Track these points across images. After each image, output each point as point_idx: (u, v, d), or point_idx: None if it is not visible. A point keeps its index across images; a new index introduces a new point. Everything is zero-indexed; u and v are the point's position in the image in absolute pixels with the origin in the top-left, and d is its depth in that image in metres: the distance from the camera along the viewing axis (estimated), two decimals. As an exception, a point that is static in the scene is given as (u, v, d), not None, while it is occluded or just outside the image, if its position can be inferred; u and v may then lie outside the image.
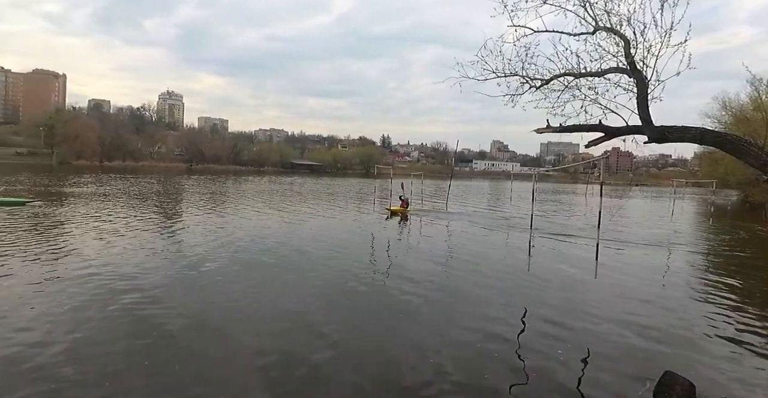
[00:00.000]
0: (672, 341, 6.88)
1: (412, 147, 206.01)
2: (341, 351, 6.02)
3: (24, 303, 7.32)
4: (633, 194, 66.44)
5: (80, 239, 12.84)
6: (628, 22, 5.64)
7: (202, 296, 8.11)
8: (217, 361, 5.59)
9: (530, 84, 6.32)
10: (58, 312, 6.95)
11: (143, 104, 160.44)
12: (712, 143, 5.69)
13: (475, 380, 5.36)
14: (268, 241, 13.79)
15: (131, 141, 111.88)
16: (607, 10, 5.74)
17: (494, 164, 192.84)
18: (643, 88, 5.51)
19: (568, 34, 6.06)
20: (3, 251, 10.83)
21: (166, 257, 10.99)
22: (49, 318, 6.69)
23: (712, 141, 5.56)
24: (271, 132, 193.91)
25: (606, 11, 5.75)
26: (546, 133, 6.36)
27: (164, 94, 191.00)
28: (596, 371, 5.71)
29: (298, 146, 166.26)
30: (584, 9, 5.85)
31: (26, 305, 7.22)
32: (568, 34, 6.06)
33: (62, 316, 6.81)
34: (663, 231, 20.51)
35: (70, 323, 6.54)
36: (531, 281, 10.31)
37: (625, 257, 13.54)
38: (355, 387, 5.14)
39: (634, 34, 5.59)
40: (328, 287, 9.10)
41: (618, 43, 5.75)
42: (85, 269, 9.44)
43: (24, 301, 7.39)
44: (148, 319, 6.83)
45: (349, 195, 38.02)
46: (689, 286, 10.48)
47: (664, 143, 5.61)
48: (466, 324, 7.27)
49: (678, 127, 5.42)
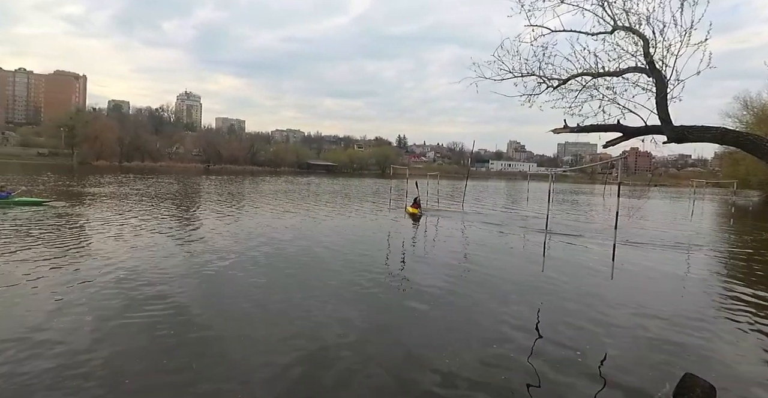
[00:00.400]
0: (692, 343, 6.78)
1: (428, 147, 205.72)
2: (359, 351, 6.05)
3: (43, 301, 7.48)
4: (652, 195, 65.51)
5: (100, 239, 13.07)
6: (647, 21, 5.60)
7: (220, 296, 8.22)
8: (235, 360, 5.66)
9: (547, 84, 6.29)
10: (78, 312, 7.09)
11: (162, 105, 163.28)
12: (732, 143, 5.61)
13: (493, 380, 5.34)
14: (286, 241, 13.89)
15: (150, 142, 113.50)
16: (625, 9, 5.71)
17: (511, 164, 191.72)
18: (662, 87, 5.46)
19: (586, 34, 6.03)
20: (22, 250, 11.09)
21: (184, 257, 11.14)
22: (68, 318, 6.83)
23: (732, 141, 5.49)
24: (288, 133, 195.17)
25: (625, 10, 5.71)
26: (563, 133, 6.33)
27: (182, 95, 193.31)
28: (615, 373, 5.66)
29: (315, 146, 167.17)
30: (602, 8, 5.82)
31: (45, 303, 7.38)
32: (586, 33, 6.03)
33: (82, 315, 6.95)
34: (682, 232, 20.19)
35: (91, 323, 6.67)
36: (547, 282, 10.23)
37: (643, 258, 13.35)
38: (373, 385, 5.17)
39: (654, 34, 5.55)
40: (346, 287, 9.13)
41: (637, 43, 5.71)
42: (104, 269, 9.60)
43: (43, 300, 7.55)
44: (167, 318, 6.94)
45: (364, 196, 38.09)
46: (709, 287, 10.32)
47: (684, 143, 5.55)
48: (482, 324, 7.27)
49: (698, 127, 5.36)
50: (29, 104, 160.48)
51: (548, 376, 5.50)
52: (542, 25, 6.18)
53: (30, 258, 10.17)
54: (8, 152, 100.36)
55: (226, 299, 8.03)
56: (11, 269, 9.20)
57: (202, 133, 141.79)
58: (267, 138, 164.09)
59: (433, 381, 5.27)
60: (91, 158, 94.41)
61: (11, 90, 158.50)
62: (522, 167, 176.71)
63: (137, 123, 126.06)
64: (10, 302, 7.37)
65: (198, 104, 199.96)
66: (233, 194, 33.45)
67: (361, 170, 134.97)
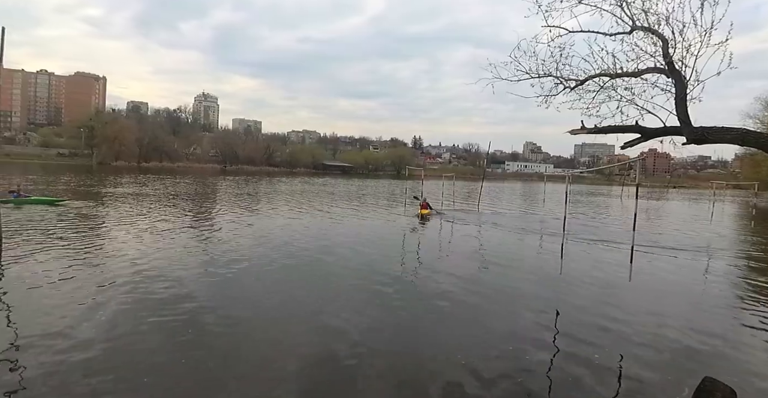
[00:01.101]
0: (711, 346, 6.70)
1: (444, 148, 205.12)
2: (373, 351, 6.08)
3: (62, 299, 7.65)
4: (670, 196, 64.57)
5: (119, 238, 13.32)
6: (666, 21, 5.51)
7: (236, 295, 8.31)
8: (251, 359, 5.74)
9: (564, 85, 6.23)
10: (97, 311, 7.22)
11: (179, 106, 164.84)
12: (754, 145, 5.52)
13: (509, 384, 5.33)
14: (302, 241, 13.99)
15: (168, 142, 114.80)
16: (644, 9, 5.63)
17: (527, 165, 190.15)
18: (681, 88, 5.39)
19: (604, 34, 5.96)
20: (39, 248, 11.32)
21: (202, 257, 11.29)
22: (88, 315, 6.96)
23: (754, 142, 5.39)
24: (304, 133, 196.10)
25: (643, 10, 5.64)
26: (580, 134, 6.28)
27: (200, 96, 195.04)
28: (633, 376, 5.60)
29: (330, 147, 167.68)
30: (621, 8, 5.75)
31: (65, 301, 7.54)
32: (603, 34, 5.96)
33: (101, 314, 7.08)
34: (702, 234, 19.90)
35: (110, 321, 6.79)
36: (564, 284, 10.17)
37: (661, 261, 13.19)
38: (387, 387, 5.20)
39: (673, 34, 5.47)
40: (361, 287, 9.18)
41: (656, 43, 5.63)
42: (125, 269, 9.77)
43: (62, 297, 7.72)
44: (184, 316, 7.04)
45: (380, 196, 38.15)
46: (730, 290, 10.17)
47: (704, 145, 5.47)
48: (498, 326, 7.25)
49: (718, 128, 5.27)
50: (50, 105, 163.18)
51: (565, 378, 5.47)
52: (559, 26, 6.13)
53: (50, 259, 10.41)
54: (30, 153, 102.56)
55: (242, 298, 8.13)
56: (35, 269, 9.40)
57: (219, 134, 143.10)
58: (283, 139, 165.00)
59: (447, 382, 5.28)
60: (111, 158, 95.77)
61: (33, 91, 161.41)
62: (538, 168, 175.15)
63: (155, 124, 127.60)
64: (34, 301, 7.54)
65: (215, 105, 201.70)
66: (251, 195, 33.76)
67: (376, 171, 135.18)
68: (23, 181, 28.44)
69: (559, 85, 6.28)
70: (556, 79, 6.26)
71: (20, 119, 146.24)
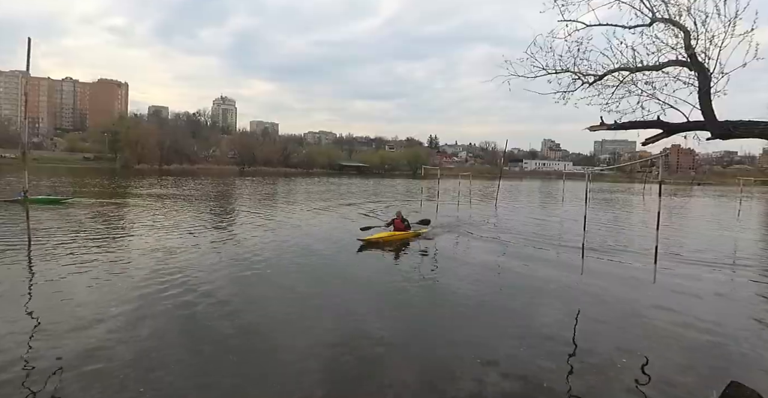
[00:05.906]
0: (737, 350, 6.48)
1: (460, 147, 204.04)
2: (392, 352, 6.06)
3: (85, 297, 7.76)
4: (695, 193, 63.26)
5: (145, 238, 13.47)
6: (687, 11, 5.32)
7: (256, 296, 8.37)
8: (270, 359, 5.75)
9: (583, 80, 6.07)
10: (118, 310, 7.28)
11: (199, 110, 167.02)
12: (783, 139, 5.31)
13: (532, 387, 5.23)
14: (320, 242, 14.06)
15: (188, 145, 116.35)
16: (664, 0, 5.46)
17: (545, 163, 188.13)
18: (705, 81, 5.19)
19: (623, 27, 5.78)
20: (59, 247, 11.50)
21: (223, 258, 11.36)
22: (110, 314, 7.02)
23: (783, 136, 5.19)
24: (320, 135, 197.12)
25: (664, 1, 5.45)
26: (600, 131, 6.11)
27: (218, 100, 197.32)
28: (658, 379, 5.45)
29: (346, 147, 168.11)
30: (640, 0, 5.58)
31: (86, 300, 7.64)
32: (622, 27, 5.78)
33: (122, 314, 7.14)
34: (728, 233, 19.42)
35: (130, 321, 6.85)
36: (586, 284, 9.98)
37: (686, 260, 12.86)
38: (407, 388, 5.14)
39: (695, 25, 5.27)
40: (380, 287, 9.19)
41: (677, 35, 5.44)
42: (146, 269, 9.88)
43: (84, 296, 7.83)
44: (203, 316, 7.08)
45: (396, 196, 38.07)
46: (757, 292, 9.86)
47: (729, 140, 5.28)
48: (518, 328, 7.14)
49: (745, 122, 5.07)
50: (75, 111, 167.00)
51: (591, 384, 5.35)
52: (577, 20, 5.97)
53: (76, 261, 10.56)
54: (57, 157, 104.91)
55: (262, 298, 8.20)
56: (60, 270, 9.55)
57: (238, 136, 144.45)
58: (300, 140, 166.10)
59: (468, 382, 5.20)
60: (133, 162, 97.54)
61: (59, 98, 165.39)
62: (557, 166, 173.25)
63: (176, 127, 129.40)
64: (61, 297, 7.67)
65: (233, 108, 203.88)
66: (269, 195, 34.07)
67: (392, 170, 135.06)
68: (55, 183, 29.12)
69: (577, 81, 6.12)
70: (573, 75, 6.11)
71: (47, 125, 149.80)
